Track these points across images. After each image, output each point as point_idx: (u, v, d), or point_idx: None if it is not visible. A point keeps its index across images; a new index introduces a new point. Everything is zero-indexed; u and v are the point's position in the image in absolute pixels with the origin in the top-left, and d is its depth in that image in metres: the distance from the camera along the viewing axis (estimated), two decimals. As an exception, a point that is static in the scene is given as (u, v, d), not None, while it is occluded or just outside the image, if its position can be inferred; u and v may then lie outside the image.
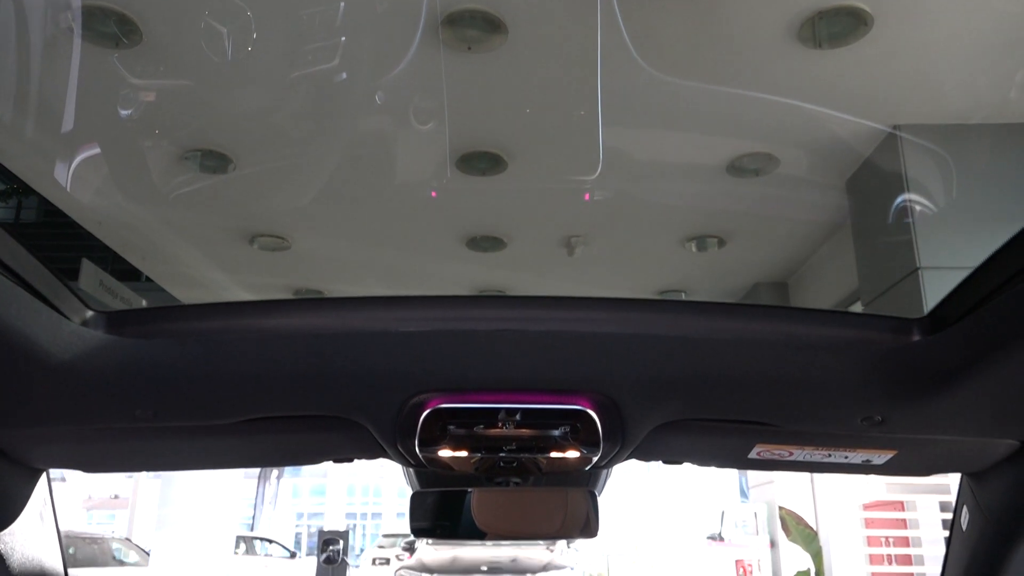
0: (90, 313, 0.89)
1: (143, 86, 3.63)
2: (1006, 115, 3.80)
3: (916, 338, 0.91)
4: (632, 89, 3.58)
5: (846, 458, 1.19)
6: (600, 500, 1.39)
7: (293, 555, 15.32)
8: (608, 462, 1.21)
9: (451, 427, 1.04)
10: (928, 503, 5.25)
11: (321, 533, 11.54)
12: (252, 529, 16.40)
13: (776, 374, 0.98)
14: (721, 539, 8.70)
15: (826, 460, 1.21)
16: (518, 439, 1.07)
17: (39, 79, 3.49)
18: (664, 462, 1.32)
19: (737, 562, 8.44)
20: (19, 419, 1.06)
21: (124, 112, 3.78)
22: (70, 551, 10.08)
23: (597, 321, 0.92)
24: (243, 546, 14.02)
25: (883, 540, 5.38)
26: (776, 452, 1.19)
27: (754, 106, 3.75)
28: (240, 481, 8.08)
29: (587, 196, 4.13)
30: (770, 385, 1.01)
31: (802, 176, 4.50)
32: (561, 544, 9.77)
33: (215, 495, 7.56)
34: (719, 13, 3.22)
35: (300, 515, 28.20)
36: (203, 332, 0.93)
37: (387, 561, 13.35)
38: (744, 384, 1.01)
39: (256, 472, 17.52)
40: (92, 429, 1.14)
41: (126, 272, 5.79)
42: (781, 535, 7.30)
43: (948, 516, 5.02)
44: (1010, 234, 0.81)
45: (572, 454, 1.10)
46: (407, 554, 10.25)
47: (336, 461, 1.33)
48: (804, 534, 6.54)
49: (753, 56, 3.42)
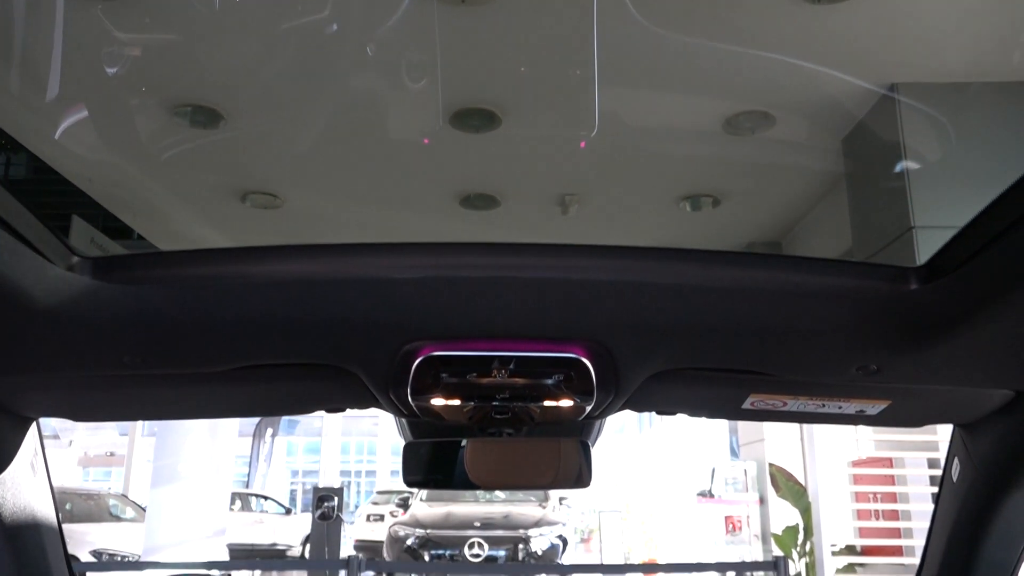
0: (76, 259, 0.88)
1: (129, 40, 3.57)
2: (1006, 74, 3.77)
3: (913, 286, 0.90)
4: (629, 45, 3.53)
5: (840, 408, 1.20)
6: (593, 452, 1.40)
7: (288, 511, 15.49)
8: (602, 412, 1.21)
9: (444, 375, 1.03)
10: (916, 461, 5.32)
11: (316, 490, 11.63)
12: (247, 486, 16.54)
13: (772, 322, 0.98)
14: (711, 496, 8.83)
15: (820, 411, 1.21)
16: (511, 387, 1.07)
17: (24, 32, 3.42)
18: (657, 412, 1.32)
19: (726, 518, 8.57)
20: (4, 366, 1.06)
21: (111, 67, 3.72)
22: (66, 507, 10.16)
23: (592, 268, 0.91)
24: (239, 503, 14.17)
25: (871, 496, 5.46)
26: (770, 402, 1.19)
27: (751, 63, 3.71)
28: (235, 439, 8.12)
29: (583, 144, 4.10)
30: (766, 333, 1.01)
31: (798, 135, 4.47)
32: (553, 501, 9.89)
33: (211, 452, 7.61)
34: (717, -34, 3.16)
35: (295, 473, 28.49)
36: (191, 278, 0.91)
37: (381, 518, 13.52)
38: (739, 332, 1.01)
39: (251, 430, 17.63)
40: (81, 377, 1.13)
41: (118, 230, 5.76)
42: (771, 492, 7.41)
43: (936, 473, 5.10)
44: (1008, 184, 0.80)
45: (566, 403, 1.10)
46: (401, 511, 10.37)
47: (328, 411, 1.33)
48: (793, 490, 6.64)
49: (751, 12, 3.38)
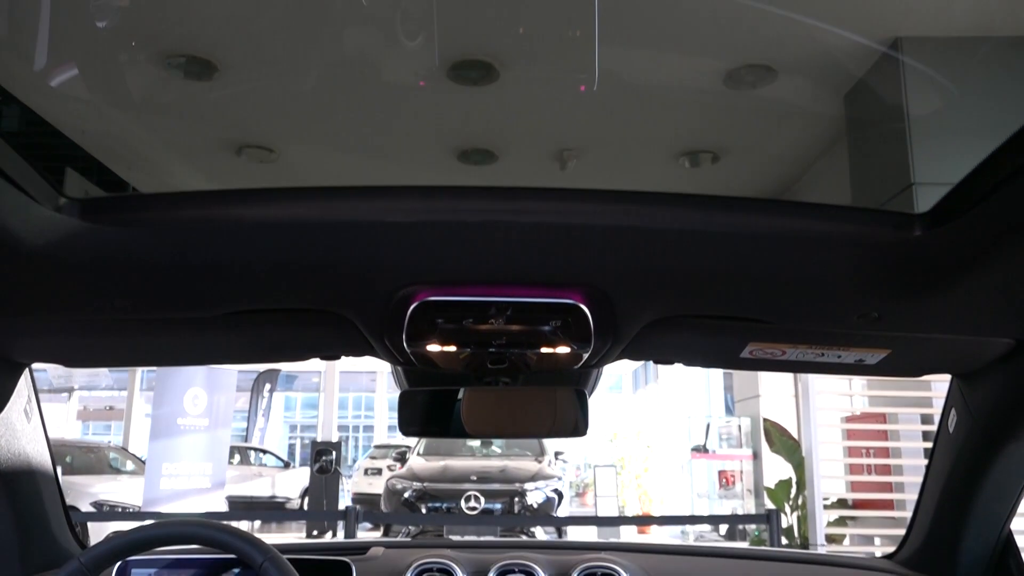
0: (63, 200, 0.86)
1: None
2: (1013, 28, 3.71)
3: (917, 233, 0.89)
4: (630, -5, 3.47)
5: (839, 357, 1.20)
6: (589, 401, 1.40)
7: (287, 465, 15.66)
8: (599, 360, 1.21)
9: (439, 321, 1.02)
10: (909, 417, 5.37)
11: (314, 444, 11.76)
12: (246, 441, 16.69)
13: (772, 269, 0.97)
14: (705, 451, 8.93)
15: (818, 360, 1.21)
16: (508, 334, 1.06)
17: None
18: (655, 361, 1.32)
19: (720, 473, 8.69)
20: None
21: (102, 16, 3.65)
22: (67, 459, 10.25)
23: (591, 213, 0.89)
24: (237, 456, 14.31)
25: (863, 451, 5.52)
26: (768, 351, 1.19)
27: (754, 15, 3.65)
28: (233, 393, 8.17)
29: (582, 88, 4.03)
30: (766, 280, 1.00)
31: (799, 90, 4.42)
32: (549, 455, 9.99)
33: (209, 405, 7.66)
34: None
35: (293, 428, 28.74)
36: (182, 221, 0.90)
37: (379, 472, 13.67)
38: (739, 279, 1.00)
39: (249, 385, 17.73)
40: (71, 321, 1.12)
41: (113, 184, 5.72)
42: (764, 447, 7.50)
43: (929, 428, 5.15)
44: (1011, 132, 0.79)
45: (563, 350, 1.09)
46: (398, 464, 10.49)
47: (323, 358, 1.33)
48: (787, 445, 6.71)
49: (754, -38, 3.32)
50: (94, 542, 1.31)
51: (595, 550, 1.61)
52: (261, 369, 18.59)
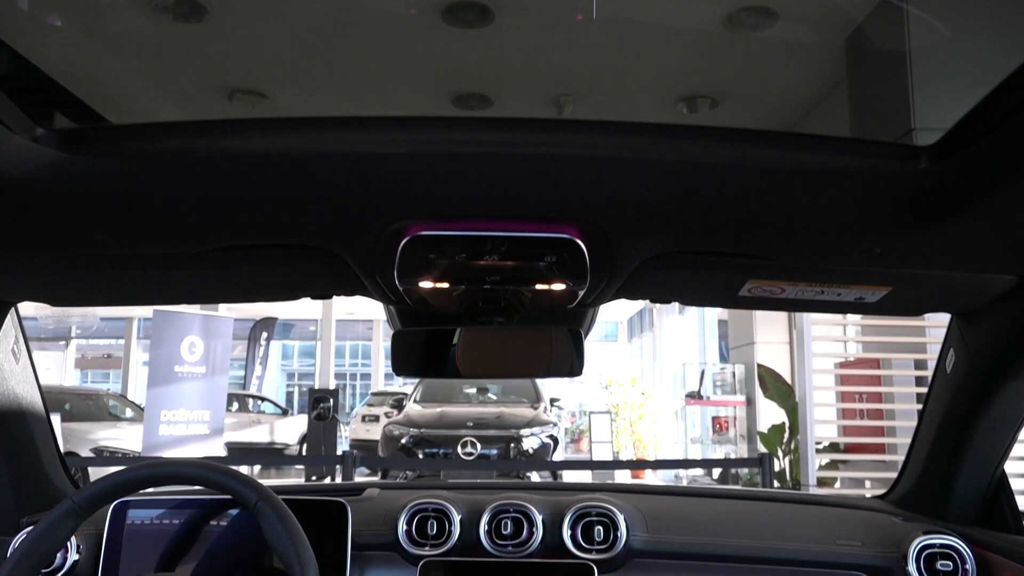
0: (40, 130, 0.84)
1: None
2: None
3: (923, 165, 0.87)
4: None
5: (839, 295, 1.18)
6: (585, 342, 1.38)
7: (285, 412, 15.80)
8: (595, 299, 1.19)
9: (431, 256, 1.00)
10: (903, 362, 5.40)
11: (311, 391, 11.85)
12: (244, 389, 16.81)
13: (774, 202, 0.95)
14: (700, 397, 9.01)
15: (818, 298, 1.20)
16: (502, 271, 1.04)
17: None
18: (652, 300, 1.31)
19: (714, 419, 8.78)
20: None
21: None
22: (65, 407, 10.31)
23: (588, 144, 0.87)
24: (236, 404, 14.43)
25: (856, 396, 5.57)
26: (767, 289, 1.17)
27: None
28: (230, 340, 8.18)
29: (579, 16, 3.94)
30: (767, 214, 0.98)
31: (800, 33, 4.33)
32: (545, 402, 10.08)
33: (206, 351, 7.68)
34: None
35: (291, 376, 28.95)
36: (164, 152, 0.87)
37: (376, 419, 13.80)
38: (740, 213, 0.98)
39: (246, 334, 17.79)
40: (54, 258, 1.10)
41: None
42: (758, 393, 7.57)
43: (922, 373, 5.20)
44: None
45: (558, 287, 1.07)
46: (395, 411, 10.58)
47: (314, 297, 1.31)
48: (781, 391, 6.77)
49: None
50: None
51: (590, 491, 1.62)
52: (257, 318, 18.66)
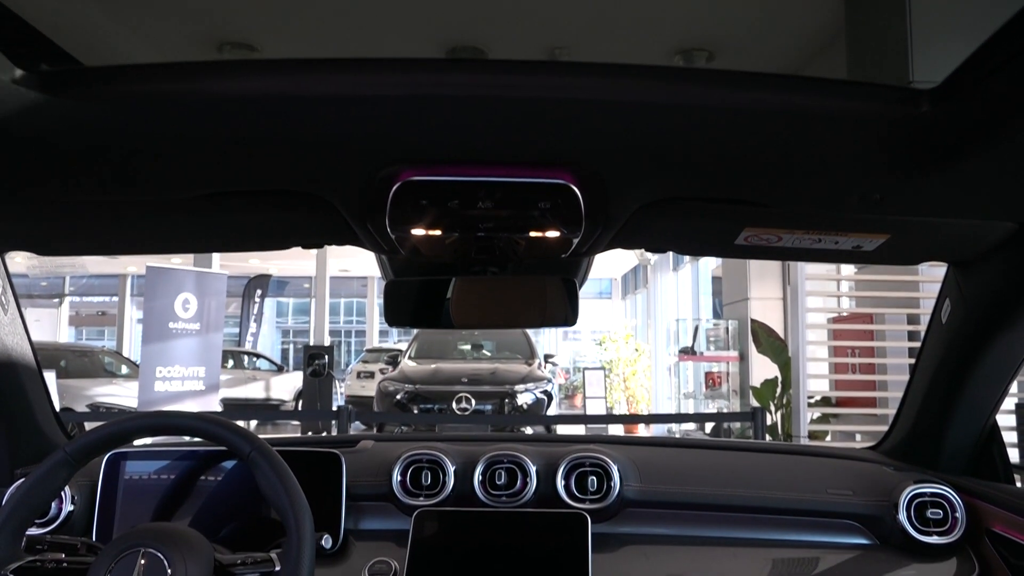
0: (21, 72, 0.81)
1: None
2: None
3: (924, 108, 0.85)
4: None
5: (836, 244, 1.17)
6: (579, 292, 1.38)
7: (280, 369, 15.86)
8: (589, 248, 1.18)
9: (423, 203, 0.98)
10: (896, 317, 5.43)
11: (306, 348, 11.87)
12: (239, 346, 16.85)
13: (773, 146, 0.93)
14: (693, 353, 9.05)
15: (815, 246, 1.19)
16: (495, 218, 1.02)
17: None
18: (647, 249, 1.29)
19: (707, 374, 8.84)
20: None
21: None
22: (61, 364, 10.33)
23: (583, 88, 0.84)
24: (231, 361, 14.47)
25: (849, 351, 5.60)
26: (764, 237, 1.16)
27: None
28: (224, 298, 8.16)
29: None
30: (766, 159, 0.96)
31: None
32: (539, 358, 10.14)
33: (199, 310, 7.67)
34: None
35: (286, 333, 29.01)
36: (150, 94, 0.85)
37: (371, 375, 13.87)
38: (738, 158, 0.96)
39: (240, 291, 17.78)
40: (39, 206, 1.08)
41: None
42: (751, 349, 7.61)
43: (915, 328, 5.22)
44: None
45: (552, 234, 1.06)
46: (390, 368, 10.61)
47: (305, 246, 1.29)
48: (774, 346, 6.81)
49: None
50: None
51: (583, 442, 1.63)
52: (252, 275, 18.64)
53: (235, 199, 1.07)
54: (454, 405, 8.52)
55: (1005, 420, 4.71)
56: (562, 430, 9.40)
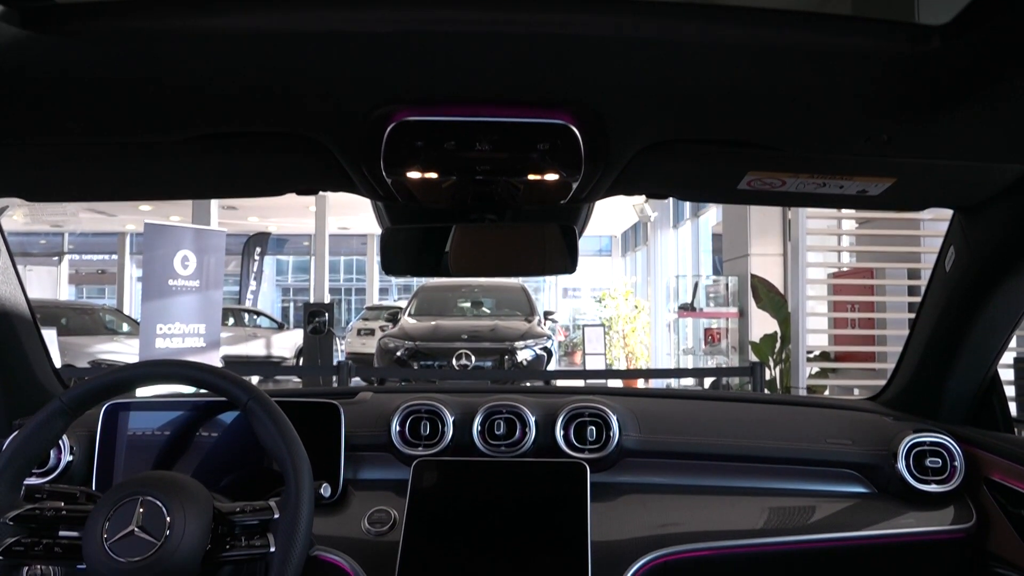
0: (0, 7, 0.78)
1: None
2: None
3: (935, 45, 0.83)
4: None
5: (841, 188, 1.15)
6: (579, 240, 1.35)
7: (281, 326, 15.91)
8: (589, 192, 1.16)
9: (419, 144, 0.95)
10: (897, 272, 5.42)
11: (307, 305, 11.88)
12: (239, 303, 16.87)
13: (780, 84, 0.90)
14: (693, 309, 9.06)
15: (820, 191, 1.16)
16: (493, 160, 0.99)
17: None
18: (648, 195, 1.27)
19: (706, 331, 8.85)
20: None
21: None
22: (62, 321, 10.36)
23: (582, 23, 0.81)
24: (232, 318, 14.51)
25: (849, 306, 5.60)
26: (768, 181, 1.14)
27: None
28: (223, 255, 8.14)
29: None
30: (771, 98, 0.93)
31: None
32: (539, 315, 10.16)
33: (199, 267, 7.66)
34: None
35: (286, 291, 29.04)
36: (134, 31, 0.81)
37: (372, 332, 13.92)
38: (742, 96, 0.93)
39: (239, 249, 17.76)
40: (24, 150, 1.06)
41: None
42: (751, 304, 7.60)
43: (915, 283, 5.21)
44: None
45: (551, 177, 1.03)
46: (390, 325, 10.64)
47: (299, 192, 1.27)
48: (774, 301, 6.80)
49: None
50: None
51: (582, 394, 1.62)
52: (251, 232, 18.59)
53: (227, 141, 1.04)
54: (454, 361, 8.56)
55: (1004, 375, 4.71)
56: (562, 386, 9.46)
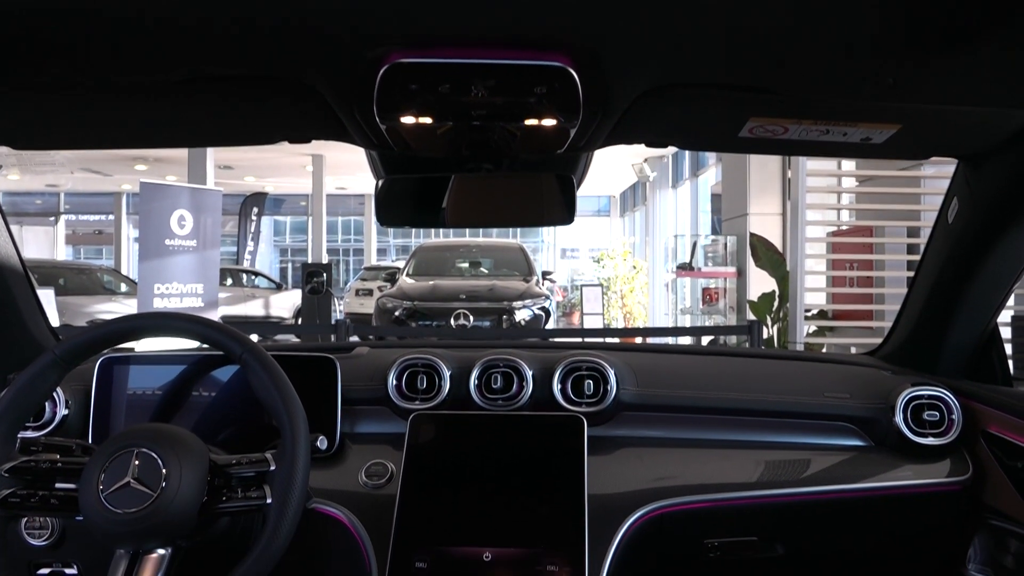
0: None
1: None
2: None
3: None
4: None
5: (844, 135, 1.13)
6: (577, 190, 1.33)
7: (279, 287, 15.91)
8: (587, 140, 1.14)
9: (413, 87, 0.93)
10: (896, 230, 5.39)
11: (305, 266, 11.87)
12: (237, 264, 16.84)
13: (782, 24, 0.88)
14: (691, 269, 9.04)
15: (822, 139, 1.14)
16: (489, 105, 0.97)
17: None
18: (647, 144, 1.24)
19: (704, 290, 8.85)
20: None
21: None
22: (60, 281, 10.34)
23: None
24: (230, 279, 14.50)
25: (847, 264, 5.59)
26: (769, 128, 1.11)
27: None
28: (220, 215, 8.09)
29: None
30: (774, 38, 0.91)
31: None
32: (537, 275, 10.15)
33: (195, 227, 7.62)
34: None
35: (283, 251, 28.99)
36: None
37: (370, 292, 13.92)
38: (744, 36, 0.90)
39: (236, 210, 17.68)
40: (9, 95, 1.03)
41: None
42: (749, 263, 7.59)
43: (914, 241, 5.20)
44: None
45: (549, 122, 1.01)
46: (388, 285, 10.63)
47: (292, 140, 1.24)
48: (772, 259, 6.78)
49: None
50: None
51: (580, 348, 1.62)
52: (247, 192, 18.49)
53: (216, 84, 1.02)
54: (452, 321, 8.57)
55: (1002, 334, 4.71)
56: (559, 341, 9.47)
